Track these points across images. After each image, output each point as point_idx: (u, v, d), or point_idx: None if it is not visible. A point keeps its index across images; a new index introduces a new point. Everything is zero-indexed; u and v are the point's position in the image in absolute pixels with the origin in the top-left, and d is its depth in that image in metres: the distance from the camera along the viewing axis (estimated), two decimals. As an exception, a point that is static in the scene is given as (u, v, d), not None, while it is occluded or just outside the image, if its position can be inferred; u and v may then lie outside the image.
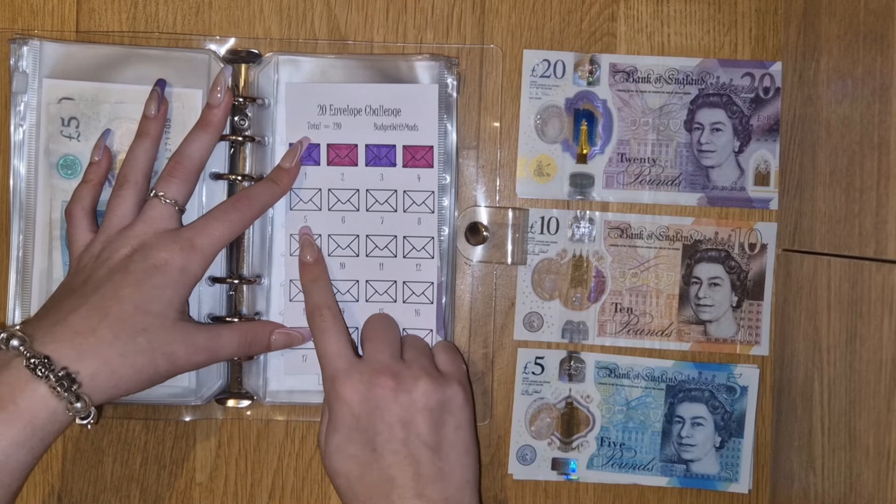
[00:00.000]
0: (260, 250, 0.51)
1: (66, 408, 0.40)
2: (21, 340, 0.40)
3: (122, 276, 0.44)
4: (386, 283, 0.51)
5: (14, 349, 0.40)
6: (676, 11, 0.52)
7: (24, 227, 0.50)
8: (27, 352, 0.40)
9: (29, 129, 0.50)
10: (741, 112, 0.52)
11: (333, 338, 0.47)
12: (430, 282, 0.51)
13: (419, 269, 0.51)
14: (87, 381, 0.41)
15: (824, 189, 0.46)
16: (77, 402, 0.40)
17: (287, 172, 0.50)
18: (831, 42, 0.46)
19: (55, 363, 0.40)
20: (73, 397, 0.40)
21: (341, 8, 0.52)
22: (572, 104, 0.52)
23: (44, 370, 0.40)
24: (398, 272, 0.51)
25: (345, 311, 0.50)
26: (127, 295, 0.43)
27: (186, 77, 0.50)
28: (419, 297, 0.50)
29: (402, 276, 0.51)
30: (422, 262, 0.51)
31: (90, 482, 0.52)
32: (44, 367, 0.40)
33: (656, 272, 0.52)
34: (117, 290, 0.43)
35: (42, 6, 0.51)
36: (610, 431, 0.52)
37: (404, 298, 0.51)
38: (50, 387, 0.40)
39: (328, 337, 0.47)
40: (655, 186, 0.52)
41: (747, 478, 0.52)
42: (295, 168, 0.50)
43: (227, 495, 0.52)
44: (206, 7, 0.52)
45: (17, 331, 0.41)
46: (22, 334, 0.41)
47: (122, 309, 0.43)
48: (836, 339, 0.44)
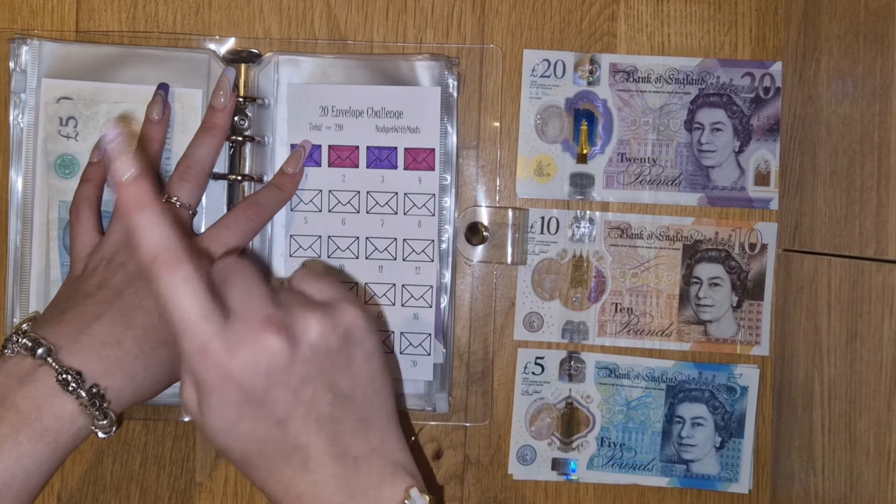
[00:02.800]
0: (260, 251, 0.51)
1: (92, 423, 0.39)
2: (47, 350, 0.38)
3: (143, 283, 0.42)
4: (385, 285, 0.51)
5: (40, 358, 0.38)
6: (676, 11, 0.52)
7: (22, 228, 0.50)
8: (57, 365, 0.38)
9: (27, 129, 0.50)
10: (741, 112, 0.52)
11: (191, 292, 0.35)
12: (429, 285, 0.51)
13: (418, 273, 0.51)
14: (114, 396, 0.39)
15: (825, 189, 0.46)
16: (104, 418, 0.39)
17: (291, 178, 0.50)
18: (832, 42, 0.46)
19: (86, 379, 0.38)
20: (101, 414, 0.39)
21: (341, 8, 0.52)
22: (572, 104, 0.52)
23: (74, 386, 0.38)
24: (397, 275, 0.51)
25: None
26: (150, 305, 0.42)
27: (186, 77, 0.50)
28: (418, 301, 0.50)
29: (401, 279, 0.51)
30: (421, 266, 0.51)
31: (90, 482, 0.52)
32: (75, 384, 0.38)
33: (656, 272, 0.52)
34: (140, 300, 0.42)
35: (42, 6, 0.51)
36: (610, 432, 0.52)
37: (403, 301, 0.51)
38: (80, 404, 0.38)
39: (185, 291, 0.35)
40: (655, 186, 0.52)
41: (747, 478, 0.52)
42: (299, 173, 0.50)
43: (226, 495, 0.52)
44: (205, 7, 0.52)
45: (41, 337, 0.39)
46: (47, 342, 0.39)
47: (146, 320, 0.41)
48: (836, 339, 0.44)
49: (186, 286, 0.35)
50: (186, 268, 0.35)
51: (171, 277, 0.35)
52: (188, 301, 0.35)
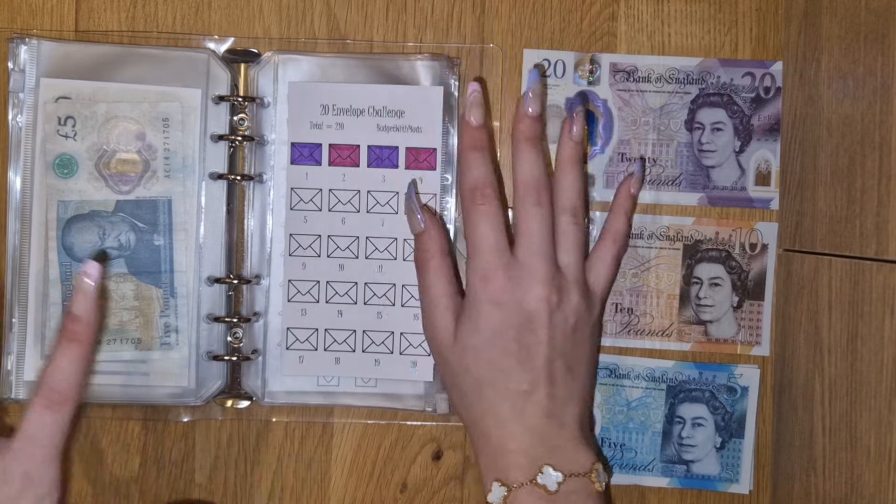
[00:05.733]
0: (259, 250, 0.51)
1: None
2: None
3: None
4: (385, 285, 0.51)
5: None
6: (677, 11, 0.52)
7: (20, 228, 0.50)
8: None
9: (26, 129, 0.50)
10: (742, 112, 0.52)
11: (491, 225, 0.45)
12: None
13: (419, 272, 0.50)
14: None
15: (825, 189, 0.46)
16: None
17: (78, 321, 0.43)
18: (832, 42, 0.46)
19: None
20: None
21: (341, 7, 0.52)
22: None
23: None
24: (397, 275, 0.50)
25: (342, 313, 0.50)
26: None
27: (185, 77, 0.50)
28: (418, 301, 0.50)
29: (401, 280, 0.50)
30: (422, 264, 0.51)
31: (90, 482, 0.52)
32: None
33: (657, 272, 0.52)
34: None
35: (41, 6, 0.51)
36: (610, 432, 0.52)
37: (403, 302, 0.51)
38: None
39: (486, 223, 0.45)
40: (656, 186, 0.52)
41: (748, 478, 0.52)
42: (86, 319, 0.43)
43: (226, 496, 0.52)
44: (205, 6, 0.52)
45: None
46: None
47: None
48: (836, 339, 0.44)
49: (494, 216, 0.45)
50: (498, 203, 0.45)
51: (486, 207, 0.45)
52: (490, 229, 0.45)
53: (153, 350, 0.50)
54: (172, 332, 0.50)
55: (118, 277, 0.50)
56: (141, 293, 0.50)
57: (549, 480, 0.43)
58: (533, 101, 0.46)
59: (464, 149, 0.46)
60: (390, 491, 0.52)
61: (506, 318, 0.44)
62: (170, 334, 0.50)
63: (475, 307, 0.45)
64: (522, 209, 0.46)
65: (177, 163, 0.50)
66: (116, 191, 0.50)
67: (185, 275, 0.50)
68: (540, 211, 0.45)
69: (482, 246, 0.45)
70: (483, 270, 0.45)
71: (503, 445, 0.44)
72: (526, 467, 0.43)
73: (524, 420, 0.44)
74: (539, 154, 0.46)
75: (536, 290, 0.44)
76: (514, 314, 0.44)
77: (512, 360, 0.44)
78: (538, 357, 0.44)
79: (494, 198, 0.45)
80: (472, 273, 0.45)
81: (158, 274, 0.50)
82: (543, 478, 0.43)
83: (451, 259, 0.48)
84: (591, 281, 0.48)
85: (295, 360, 0.51)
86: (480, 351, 0.44)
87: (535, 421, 0.44)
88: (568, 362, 0.45)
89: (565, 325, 0.45)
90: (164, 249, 0.50)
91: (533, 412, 0.44)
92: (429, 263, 0.47)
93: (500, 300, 0.44)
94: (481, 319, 0.45)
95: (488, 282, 0.44)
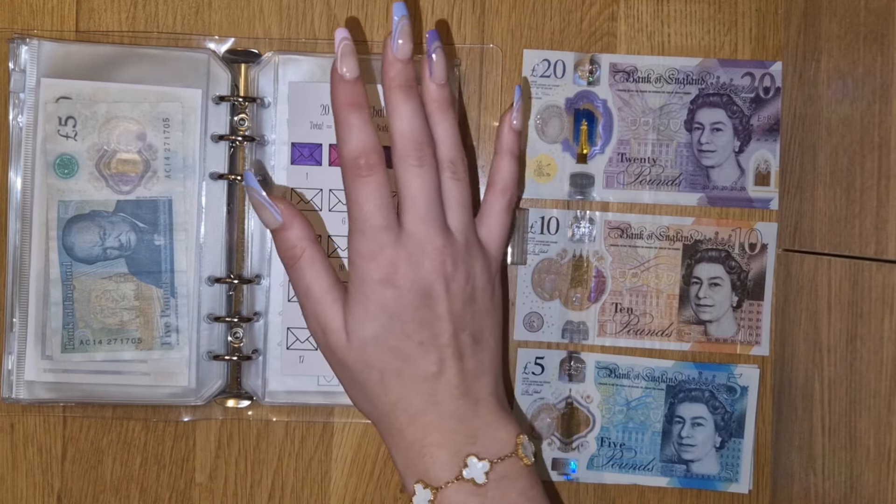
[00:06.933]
0: (260, 250, 0.51)
1: None
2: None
3: None
4: (386, 283, 0.51)
5: None
6: (676, 11, 0.52)
7: (21, 227, 0.50)
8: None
9: (26, 129, 0.50)
10: (741, 112, 0.52)
11: (377, 200, 0.40)
12: None
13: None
14: None
15: (825, 189, 0.46)
16: None
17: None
18: (832, 42, 0.46)
19: None
20: None
21: (341, 7, 0.52)
22: (572, 104, 0.52)
23: None
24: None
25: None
26: None
27: (186, 77, 0.50)
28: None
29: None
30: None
31: (90, 482, 0.52)
32: None
33: (656, 272, 0.52)
34: None
35: (42, 6, 0.51)
36: (610, 432, 0.52)
37: None
38: None
39: (372, 198, 0.40)
40: (655, 186, 0.52)
41: (747, 478, 0.52)
42: None
43: (226, 495, 0.52)
44: (205, 7, 0.52)
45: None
46: None
47: None
48: (836, 339, 0.44)
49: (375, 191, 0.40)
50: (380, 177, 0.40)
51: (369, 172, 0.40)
52: (373, 205, 0.40)
53: (154, 350, 0.51)
54: (173, 331, 0.50)
55: (118, 277, 0.50)
56: (141, 293, 0.50)
57: (475, 473, 0.40)
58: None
59: (340, 106, 0.41)
60: (390, 491, 0.53)
61: (400, 298, 0.40)
62: (170, 334, 0.50)
63: (364, 292, 0.41)
64: (403, 170, 0.41)
65: (177, 163, 0.50)
66: (117, 191, 0.50)
67: (186, 275, 0.50)
68: (422, 171, 0.41)
69: (368, 224, 0.40)
70: (369, 251, 0.40)
71: (420, 441, 0.41)
72: (448, 464, 0.40)
73: (438, 406, 0.41)
74: (417, 105, 0.41)
75: (428, 261, 0.40)
76: (409, 292, 0.40)
77: (414, 342, 0.40)
78: (442, 334, 0.41)
79: (380, 165, 0.41)
80: (356, 254, 0.41)
81: (159, 274, 0.50)
82: (469, 471, 0.40)
83: (320, 246, 0.43)
84: (484, 239, 0.44)
85: (295, 360, 0.51)
86: (380, 339, 0.41)
87: (449, 405, 0.41)
88: (473, 333, 0.42)
89: (464, 294, 0.41)
90: (165, 249, 0.50)
91: (446, 394, 0.41)
92: (300, 260, 0.42)
93: (391, 279, 0.40)
94: (373, 304, 0.40)
95: (375, 260, 0.40)
